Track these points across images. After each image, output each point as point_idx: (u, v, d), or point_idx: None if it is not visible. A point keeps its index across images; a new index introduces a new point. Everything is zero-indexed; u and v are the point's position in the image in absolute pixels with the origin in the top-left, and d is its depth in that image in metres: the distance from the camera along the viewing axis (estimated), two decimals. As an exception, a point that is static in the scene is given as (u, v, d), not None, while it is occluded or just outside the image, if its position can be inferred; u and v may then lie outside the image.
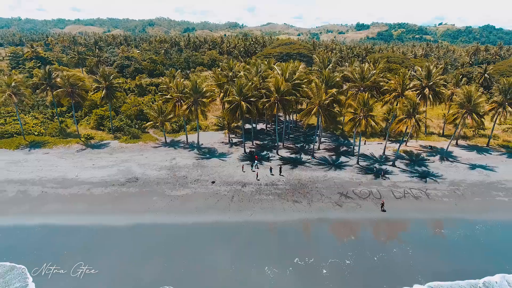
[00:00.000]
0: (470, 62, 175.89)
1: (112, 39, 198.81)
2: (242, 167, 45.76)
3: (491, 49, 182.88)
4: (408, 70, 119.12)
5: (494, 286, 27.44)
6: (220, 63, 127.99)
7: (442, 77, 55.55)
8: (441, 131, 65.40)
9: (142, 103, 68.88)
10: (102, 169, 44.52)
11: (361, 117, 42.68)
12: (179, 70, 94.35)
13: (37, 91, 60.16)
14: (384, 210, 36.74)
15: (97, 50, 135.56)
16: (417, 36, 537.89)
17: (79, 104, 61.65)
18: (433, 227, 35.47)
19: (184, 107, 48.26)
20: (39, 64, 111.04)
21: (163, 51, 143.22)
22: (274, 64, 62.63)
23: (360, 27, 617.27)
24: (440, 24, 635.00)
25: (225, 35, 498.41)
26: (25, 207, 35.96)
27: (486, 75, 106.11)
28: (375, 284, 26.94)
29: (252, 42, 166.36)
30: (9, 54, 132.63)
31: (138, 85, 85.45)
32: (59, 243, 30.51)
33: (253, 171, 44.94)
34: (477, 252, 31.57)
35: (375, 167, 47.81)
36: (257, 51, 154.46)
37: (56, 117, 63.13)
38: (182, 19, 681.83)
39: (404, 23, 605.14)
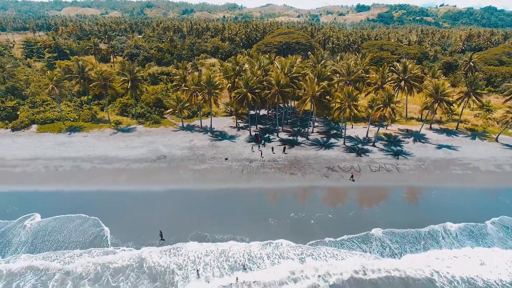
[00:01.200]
0: (463, 48, 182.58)
1: (116, 25, 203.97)
2: (252, 147, 55.77)
3: (483, 35, 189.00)
4: (401, 58, 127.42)
5: (434, 230, 38.11)
6: (222, 50, 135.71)
7: (417, 71, 64.38)
8: (419, 116, 75.15)
9: (158, 92, 78.04)
10: (135, 149, 54.64)
11: (346, 106, 52.37)
12: (190, 62, 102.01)
13: (71, 82, 69.15)
14: (353, 180, 47.16)
15: (106, 38, 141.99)
16: (417, 18, 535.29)
17: (103, 94, 70.78)
18: (398, 192, 45.99)
19: (200, 97, 57.79)
20: (56, 54, 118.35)
21: (168, 38, 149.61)
22: (274, 58, 71.47)
23: (360, 8, 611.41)
24: (441, 5, 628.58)
25: (224, 17, 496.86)
26: (82, 178, 46.27)
27: (471, 63, 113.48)
28: (348, 230, 37.55)
29: (252, 29, 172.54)
30: (23, 43, 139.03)
31: (150, 74, 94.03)
32: (115, 203, 40.95)
33: (260, 150, 55.05)
34: (428, 210, 42.17)
35: (358, 147, 57.99)
36: (257, 38, 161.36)
37: (85, 104, 72.54)
38: (180, 0, 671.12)
39: (405, 4, 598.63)
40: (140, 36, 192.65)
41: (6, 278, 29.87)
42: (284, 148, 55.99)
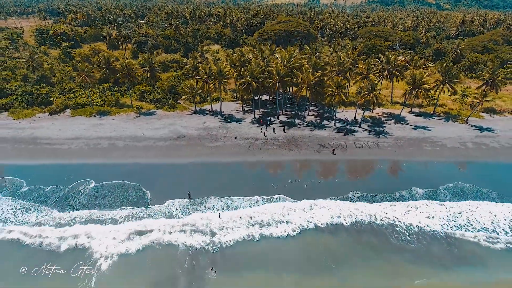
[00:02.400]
0: (457, 33, 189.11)
1: (120, 10, 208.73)
2: (261, 129, 65.38)
3: (477, 20, 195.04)
4: (394, 44, 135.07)
5: (401, 194, 48.72)
6: (225, 37, 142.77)
7: (401, 61, 73.50)
8: (403, 101, 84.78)
9: (171, 79, 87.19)
10: (158, 130, 64.82)
11: (336, 93, 62.12)
12: (198, 53, 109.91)
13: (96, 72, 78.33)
14: (334, 154, 57.66)
15: (115, 26, 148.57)
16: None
17: (122, 81, 79.77)
18: (377, 164, 56.59)
19: (212, 85, 67.37)
20: (72, 42, 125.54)
21: (173, 26, 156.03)
22: (275, 49, 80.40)
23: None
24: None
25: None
26: (118, 153, 56.69)
27: (458, 50, 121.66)
28: (333, 192, 48.12)
29: (253, 15, 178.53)
30: (35, 31, 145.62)
31: (161, 62, 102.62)
32: (148, 172, 51.49)
33: (266, 130, 65.23)
34: (400, 179, 52.91)
35: (346, 128, 68.22)
36: (258, 24, 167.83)
37: (107, 91, 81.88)
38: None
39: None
40: (143, 21, 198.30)
41: (86, 222, 40.83)
42: (284, 128, 66.24)
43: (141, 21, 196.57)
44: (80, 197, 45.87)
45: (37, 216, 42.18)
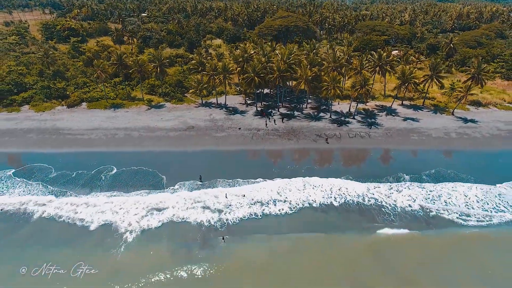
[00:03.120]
0: (453, 26, 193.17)
1: (123, 4, 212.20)
2: (266, 123, 71.07)
3: (472, 14, 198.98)
4: (390, 39, 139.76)
5: (388, 179, 54.83)
6: (227, 32, 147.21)
7: (393, 56, 79.04)
8: (396, 94, 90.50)
9: (177, 74, 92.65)
10: (169, 121, 70.74)
11: (331, 87, 67.85)
12: (204, 49, 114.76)
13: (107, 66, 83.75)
14: (328, 143, 63.72)
15: (120, 21, 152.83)
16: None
17: (130, 75, 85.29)
18: (367, 151, 62.72)
19: (217, 80, 73.03)
20: (80, 38, 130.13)
21: (176, 21, 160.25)
22: (275, 46, 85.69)
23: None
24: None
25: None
26: (134, 142, 62.73)
27: (451, 45, 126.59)
28: (326, 176, 54.44)
29: (253, 9, 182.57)
30: (41, 26, 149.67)
31: (167, 57, 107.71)
32: (163, 159, 57.58)
33: (270, 122, 71.19)
34: (388, 165, 59.10)
35: (341, 119, 74.16)
36: (258, 18, 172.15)
37: (118, 85, 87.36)
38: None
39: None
40: (145, 14, 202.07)
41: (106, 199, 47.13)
42: (282, 119, 72.08)
43: (143, 14, 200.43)
44: (104, 181, 52.08)
45: (67, 197, 48.42)
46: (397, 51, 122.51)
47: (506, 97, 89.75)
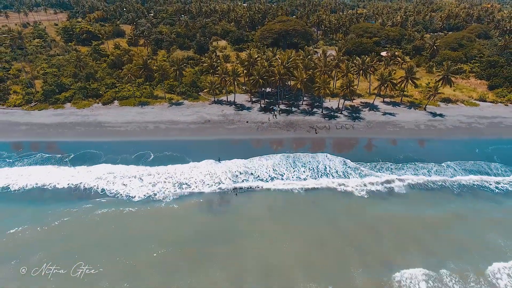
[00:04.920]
0: (442, 26, 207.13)
1: (131, 6, 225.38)
2: (269, 118, 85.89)
3: (461, 14, 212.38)
4: (381, 40, 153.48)
5: (375, 165, 70.01)
6: (232, 34, 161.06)
7: (374, 62, 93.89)
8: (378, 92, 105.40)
9: (191, 75, 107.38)
10: (188, 116, 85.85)
11: (322, 88, 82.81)
12: (213, 53, 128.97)
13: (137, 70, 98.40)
14: (317, 133, 78.84)
15: (134, 25, 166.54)
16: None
17: (152, 76, 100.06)
18: (351, 141, 77.94)
19: (227, 82, 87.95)
20: (100, 41, 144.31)
21: (183, 24, 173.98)
22: (276, 50, 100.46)
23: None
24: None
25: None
26: (162, 133, 77.88)
27: (434, 46, 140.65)
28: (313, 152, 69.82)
29: (255, 11, 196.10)
30: (60, 29, 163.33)
31: (181, 60, 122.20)
32: (187, 146, 72.74)
33: (274, 116, 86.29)
34: (371, 152, 74.38)
35: (330, 114, 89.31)
36: (260, 20, 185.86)
37: (141, 85, 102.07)
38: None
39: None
40: (151, 14, 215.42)
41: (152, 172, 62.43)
42: (279, 112, 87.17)
43: (150, 15, 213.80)
44: (145, 160, 67.44)
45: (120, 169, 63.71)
46: (384, 53, 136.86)
47: (474, 95, 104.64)
